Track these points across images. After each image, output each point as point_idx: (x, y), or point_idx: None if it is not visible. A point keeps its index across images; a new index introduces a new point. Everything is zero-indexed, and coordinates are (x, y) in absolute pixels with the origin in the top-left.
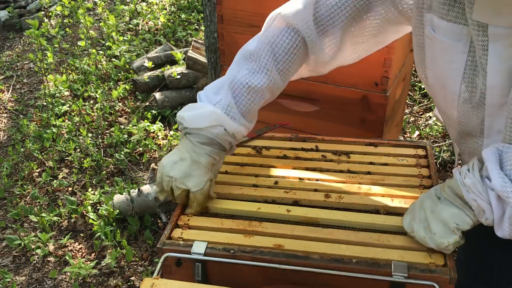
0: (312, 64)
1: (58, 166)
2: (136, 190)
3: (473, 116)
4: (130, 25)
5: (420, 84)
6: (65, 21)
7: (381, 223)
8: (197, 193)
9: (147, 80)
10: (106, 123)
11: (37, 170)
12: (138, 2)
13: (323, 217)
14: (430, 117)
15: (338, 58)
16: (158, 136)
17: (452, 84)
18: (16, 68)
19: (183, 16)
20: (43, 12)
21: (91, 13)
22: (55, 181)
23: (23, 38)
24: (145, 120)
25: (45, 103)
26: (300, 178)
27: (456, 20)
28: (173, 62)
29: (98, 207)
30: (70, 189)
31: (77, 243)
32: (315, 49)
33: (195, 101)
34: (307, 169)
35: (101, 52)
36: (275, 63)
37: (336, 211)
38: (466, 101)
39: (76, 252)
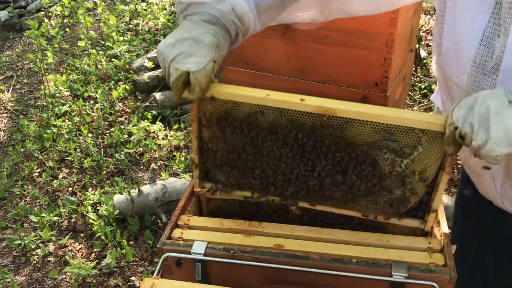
0: None
1: (58, 166)
2: (136, 190)
3: (483, 83)
4: (130, 25)
5: (420, 84)
6: (65, 21)
7: (410, 118)
8: (198, 74)
9: (147, 80)
10: (106, 123)
11: (37, 170)
12: (138, 2)
13: (342, 108)
14: None
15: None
16: (158, 136)
17: (468, 46)
18: (16, 68)
19: None
20: (43, 12)
21: (91, 13)
22: (55, 181)
23: (23, 38)
24: (145, 120)
25: (45, 103)
26: None
27: None
28: None
29: (98, 207)
30: (70, 189)
31: (77, 243)
32: None
33: None
34: None
35: (101, 52)
36: None
37: (357, 103)
38: (480, 66)
39: (76, 252)
